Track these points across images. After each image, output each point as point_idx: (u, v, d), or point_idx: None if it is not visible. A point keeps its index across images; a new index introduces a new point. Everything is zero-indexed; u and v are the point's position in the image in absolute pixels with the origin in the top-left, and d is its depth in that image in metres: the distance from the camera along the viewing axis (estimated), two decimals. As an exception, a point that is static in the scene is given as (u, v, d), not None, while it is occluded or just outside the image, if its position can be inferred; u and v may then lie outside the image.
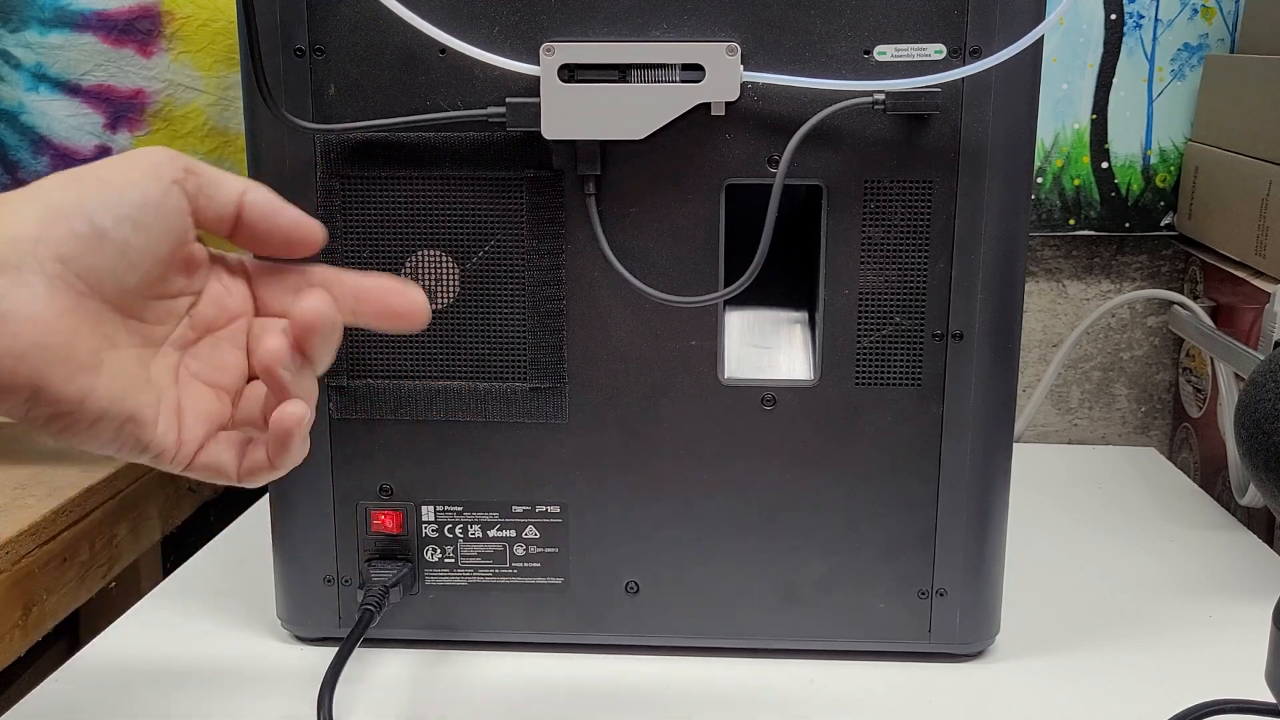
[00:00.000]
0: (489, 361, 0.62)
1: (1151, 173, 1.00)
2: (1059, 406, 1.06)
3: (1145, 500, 0.89)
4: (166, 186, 0.45)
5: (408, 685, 0.63)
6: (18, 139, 0.75)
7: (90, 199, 0.43)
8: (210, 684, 0.63)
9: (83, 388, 0.43)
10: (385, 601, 0.62)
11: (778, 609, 0.64)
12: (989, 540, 0.63)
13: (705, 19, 0.58)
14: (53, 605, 0.74)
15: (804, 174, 0.59)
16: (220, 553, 0.78)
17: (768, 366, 0.63)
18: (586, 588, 0.65)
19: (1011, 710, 0.61)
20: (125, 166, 0.45)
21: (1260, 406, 0.58)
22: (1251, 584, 0.75)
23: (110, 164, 0.45)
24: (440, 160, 0.60)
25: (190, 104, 0.78)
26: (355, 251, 0.61)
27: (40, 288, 0.42)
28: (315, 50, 0.59)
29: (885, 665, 0.65)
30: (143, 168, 0.45)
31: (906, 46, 0.58)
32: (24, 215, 0.42)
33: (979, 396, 0.61)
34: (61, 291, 0.43)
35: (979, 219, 0.59)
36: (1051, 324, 1.05)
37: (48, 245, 0.42)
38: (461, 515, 0.64)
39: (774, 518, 0.63)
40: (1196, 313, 0.93)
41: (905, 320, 0.61)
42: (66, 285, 0.43)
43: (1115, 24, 0.97)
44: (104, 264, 0.44)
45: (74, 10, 0.74)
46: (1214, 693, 0.53)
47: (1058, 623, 0.70)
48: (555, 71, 0.57)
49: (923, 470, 0.62)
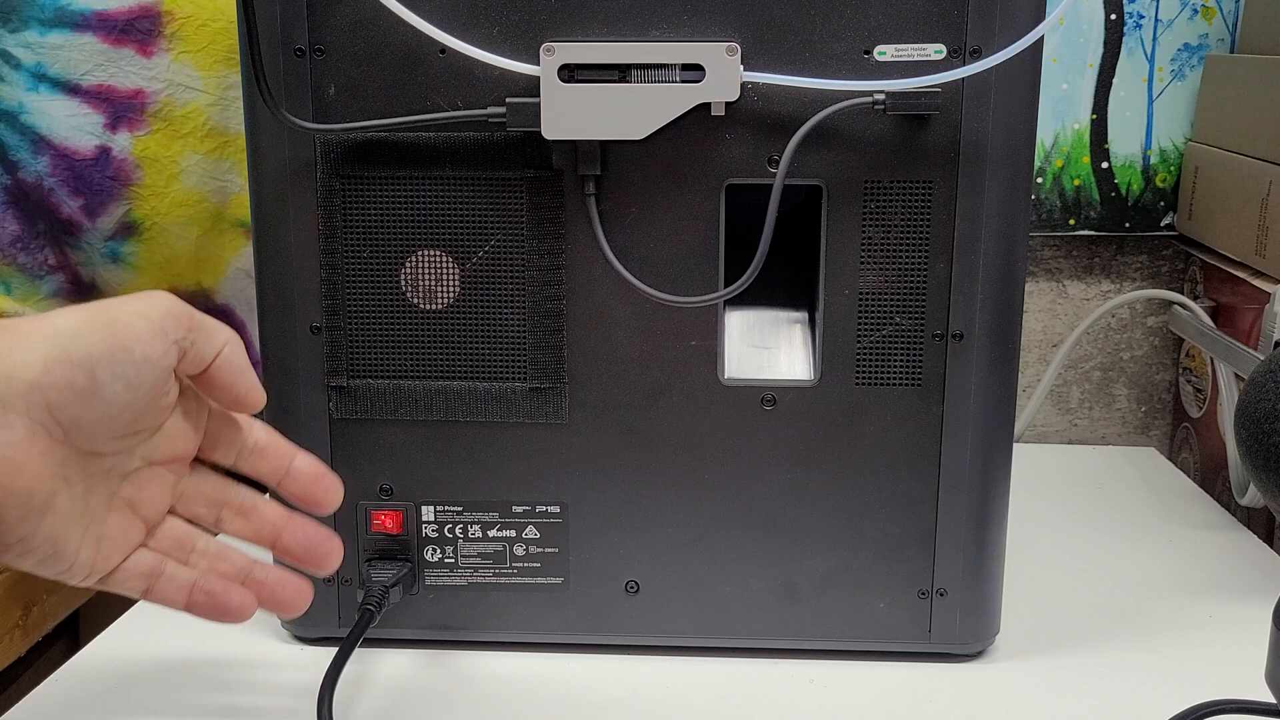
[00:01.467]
0: (489, 361, 0.62)
1: (1151, 173, 1.00)
2: (1059, 406, 1.06)
3: (1145, 500, 0.89)
4: (167, 346, 0.46)
5: (408, 685, 0.63)
6: (18, 139, 0.75)
7: (98, 354, 0.44)
8: (210, 684, 0.63)
9: (30, 527, 0.44)
10: (385, 601, 0.62)
11: (778, 609, 0.64)
12: (989, 540, 0.63)
13: (705, 19, 0.58)
14: (53, 605, 0.73)
15: (804, 174, 0.59)
16: (220, 553, 0.78)
17: (768, 366, 0.63)
18: (586, 588, 0.65)
19: (1011, 710, 0.61)
20: (136, 319, 0.45)
21: (1260, 406, 0.58)
22: (1251, 584, 0.75)
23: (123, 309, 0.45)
24: (440, 160, 0.60)
25: (190, 104, 0.78)
26: (355, 251, 0.61)
27: (21, 431, 0.43)
28: (315, 50, 0.59)
29: (885, 665, 0.65)
30: (152, 322, 0.45)
31: (906, 46, 0.58)
32: (30, 355, 0.43)
33: (979, 396, 0.61)
34: (40, 438, 0.43)
35: (979, 219, 0.59)
36: (1051, 324, 1.05)
37: (42, 392, 0.43)
38: (461, 515, 0.64)
39: (774, 517, 0.63)
40: (1196, 313, 0.93)
41: (905, 320, 0.61)
42: (46, 432, 0.44)
43: (1115, 24, 0.97)
44: (87, 416, 0.44)
45: (74, 10, 0.74)
46: (1214, 693, 0.53)
47: (1058, 623, 0.70)
48: (555, 71, 0.57)
49: (923, 470, 0.62)
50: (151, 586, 0.49)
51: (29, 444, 0.43)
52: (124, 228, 0.79)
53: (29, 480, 0.43)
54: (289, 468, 0.52)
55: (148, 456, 0.49)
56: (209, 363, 0.48)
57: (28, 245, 0.78)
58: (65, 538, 0.46)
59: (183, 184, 0.79)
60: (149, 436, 0.48)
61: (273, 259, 0.61)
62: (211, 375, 0.48)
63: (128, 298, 0.46)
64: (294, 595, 0.52)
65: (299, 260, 0.61)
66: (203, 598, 0.50)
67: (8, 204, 0.77)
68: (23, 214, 0.77)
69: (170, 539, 0.50)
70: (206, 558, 0.51)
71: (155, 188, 0.78)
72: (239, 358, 0.49)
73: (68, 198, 0.77)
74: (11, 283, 0.78)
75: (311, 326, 0.62)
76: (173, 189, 0.79)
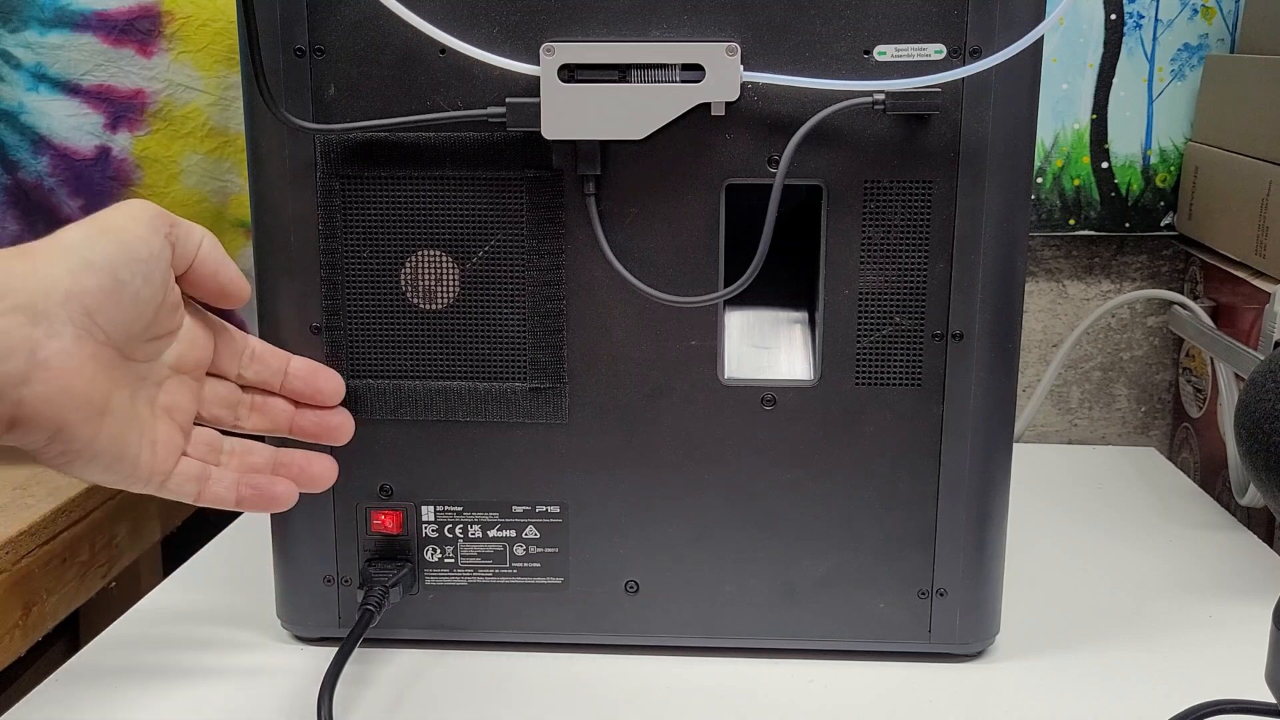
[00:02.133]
0: (489, 361, 0.62)
1: (1151, 173, 1.00)
2: (1059, 406, 1.06)
3: (1145, 500, 0.89)
4: (162, 241, 0.51)
5: (408, 685, 0.63)
6: (18, 139, 0.75)
7: (113, 254, 0.49)
8: (210, 684, 0.63)
9: (95, 428, 0.49)
10: (385, 601, 0.62)
11: (778, 609, 0.64)
12: (989, 540, 0.63)
13: (705, 19, 0.58)
14: (53, 605, 0.74)
15: (804, 174, 0.59)
16: (220, 553, 0.78)
17: (768, 366, 0.63)
18: (586, 587, 0.65)
19: (1011, 710, 0.61)
20: (130, 222, 0.51)
21: (1260, 406, 0.58)
22: (1251, 584, 0.75)
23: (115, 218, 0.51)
24: (440, 160, 0.60)
25: (190, 104, 0.78)
26: (355, 251, 0.61)
27: (70, 338, 0.47)
28: (315, 50, 0.59)
29: (885, 665, 0.65)
30: (143, 223, 0.51)
31: (906, 46, 0.58)
32: (55, 269, 0.48)
33: (979, 396, 0.61)
34: (86, 341, 0.48)
35: (979, 219, 0.59)
36: (1051, 324, 1.05)
37: (77, 298, 0.48)
38: (461, 515, 0.64)
39: (774, 517, 0.63)
40: (1196, 313, 0.93)
41: (905, 320, 0.61)
42: (89, 335, 0.48)
43: (1115, 24, 0.97)
44: (120, 314, 0.49)
45: (74, 10, 0.74)
46: (1214, 693, 0.53)
47: (1058, 623, 0.70)
48: (555, 71, 0.57)
49: (923, 470, 0.62)
50: (202, 490, 0.55)
51: (79, 348, 0.48)
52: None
53: (87, 381, 0.48)
54: (287, 369, 0.59)
55: (174, 365, 0.54)
56: (193, 257, 0.53)
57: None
58: (126, 439, 0.51)
59: (183, 184, 0.79)
60: (170, 342, 0.53)
61: (273, 259, 0.61)
62: (196, 269, 0.53)
63: (112, 209, 0.51)
64: (322, 469, 0.60)
65: (299, 260, 0.61)
66: (250, 491, 0.57)
67: (8, 204, 0.77)
68: (23, 214, 0.77)
69: (203, 443, 0.56)
70: (236, 455, 0.58)
71: (155, 188, 0.78)
72: (217, 250, 0.54)
73: (68, 198, 0.77)
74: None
75: (311, 326, 0.62)
76: (173, 189, 0.79)
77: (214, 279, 0.54)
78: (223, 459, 0.57)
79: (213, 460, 0.57)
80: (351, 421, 0.61)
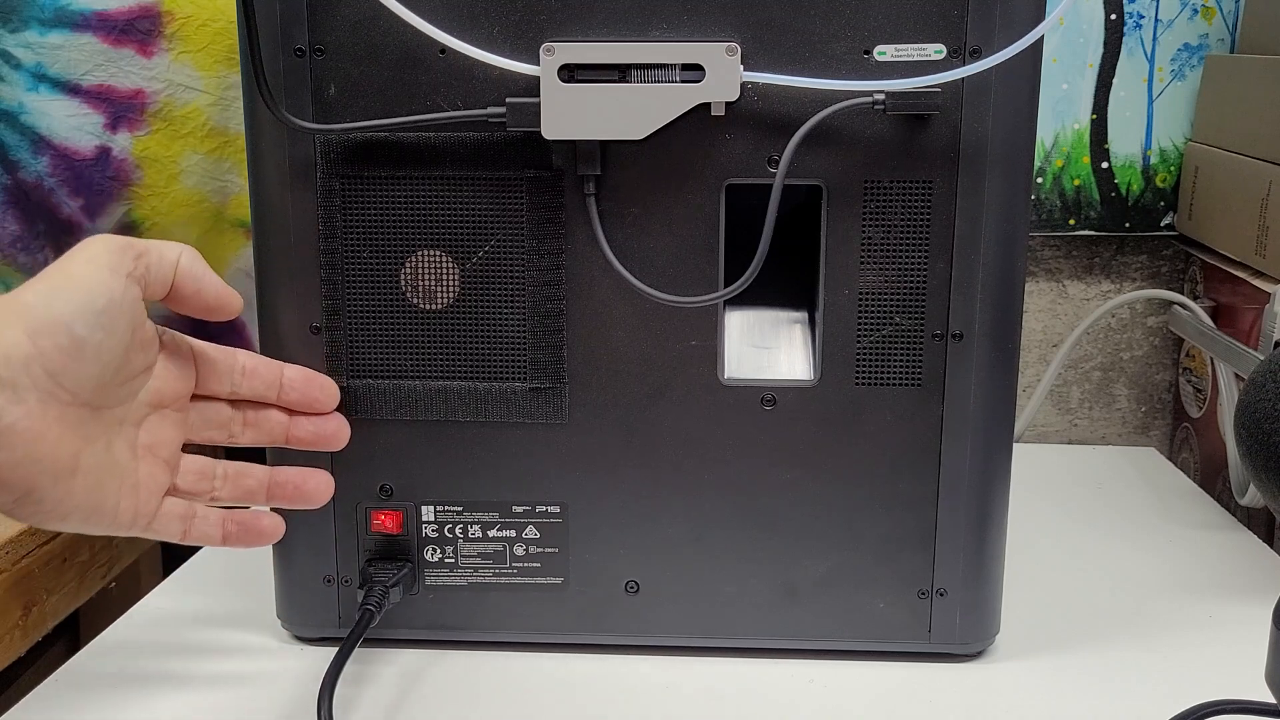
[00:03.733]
0: (489, 361, 0.62)
1: (1151, 173, 1.00)
2: (1059, 406, 1.06)
3: (1145, 500, 0.89)
4: (125, 282, 0.49)
5: (408, 685, 0.63)
6: (18, 139, 0.75)
7: (68, 310, 0.47)
8: (210, 684, 0.63)
9: (65, 487, 0.48)
10: (385, 601, 0.62)
11: (777, 609, 0.64)
12: (989, 540, 0.63)
13: (705, 19, 0.58)
14: (53, 605, 0.74)
15: (804, 174, 0.59)
16: (220, 553, 0.78)
17: (768, 366, 0.63)
18: (586, 587, 0.65)
19: (1011, 710, 0.61)
20: (87, 267, 0.48)
21: (1260, 406, 0.58)
22: (1251, 584, 0.75)
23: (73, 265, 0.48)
24: (440, 160, 0.60)
25: (190, 104, 0.78)
26: (355, 251, 0.61)
27: (34, 402, 0.46)
28: (315, 50, 0.59)
29: (885, 665, 0.65)
30: (102, 265, 0.48)
31: (906, 46, 0.58)
32: (13, 332, 0.46)
33: (979, 396, 0.61)
34: (51, 404, 0.47)
35: (979, 219, 0.59)
36: (1051, 324, 1.05)
37: (38, 361, 0.46)
38: (461, 515, 0.64)
39: (774, 517, 0.63)
40: (1196, 313, 0.93)
41: (905, 320, 0.61)
42: (54, 398, 0.47)
43: (1115, 24, 0.97)
44: (84, 370, 0.48)
45: (74, 10, 0.74)
46: (1214, 693, 0.53)
47: (1058, 623, 0.70)
48: (555, 71, 0.57)
49: (923, 470, 0.62)
50: (188, 529, 0.54)
51: (44, 411, 0.46)
52: (124, 228, 0.79)
53: (53, 444, 0.47)
54: (282, 380, 0.58)
55: (152, 401, 0.53)
56: (170, 280, 0.51)
57: (28, 245, 0.78)
58: (102, 492, 0.49)
59: (183, 184, 0.79)
60: (145, 379, 0.52)
61: (273, 259, 0.61)
62: (178, 290, 0.52)
63: (72, 252, 0.49)
64: (317, 485, 0.59)
65: (299, 260, 0.61)
66: (235, 528, 0.56)
67: (8, 204, 0.77)
68: (23, 214, 0.77)
69: (193, 473, 0.55)
70: (229, 480, 0.56)
71: (155, 188, 0.78)
72: (197, 266, 0.52)
73: (68, 198, 0.77)
74: (11, 282, 0.78)
75: (311, 326, 0.62)
76: (173, 189, 0.79)
77: (197, 297, 0.53)
78: (216, 485, 0.56)
79: (205, 489, 0.55)
80: (347, 427, 0.60)
